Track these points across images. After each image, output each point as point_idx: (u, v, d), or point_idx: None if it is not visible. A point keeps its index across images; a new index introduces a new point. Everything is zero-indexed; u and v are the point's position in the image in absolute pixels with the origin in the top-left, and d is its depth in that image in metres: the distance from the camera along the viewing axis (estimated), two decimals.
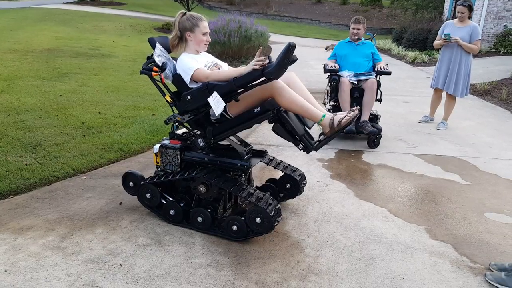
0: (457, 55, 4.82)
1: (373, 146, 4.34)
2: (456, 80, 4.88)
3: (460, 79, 4.87)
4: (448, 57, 4.91)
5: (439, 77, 5.04)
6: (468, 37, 4.73)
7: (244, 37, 9.69)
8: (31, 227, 2.64)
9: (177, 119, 2.46)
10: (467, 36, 4.73)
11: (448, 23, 4.98)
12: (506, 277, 2.08)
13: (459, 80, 4.87)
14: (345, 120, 2.30)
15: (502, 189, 3.42)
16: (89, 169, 3.61)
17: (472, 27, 4.74)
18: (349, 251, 2.46)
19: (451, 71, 4.89)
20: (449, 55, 4.89)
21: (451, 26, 4.89)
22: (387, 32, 18.32)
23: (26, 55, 8.80)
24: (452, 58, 4.86)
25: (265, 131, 4.81)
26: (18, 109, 5.08)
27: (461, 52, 4.81)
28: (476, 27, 4.75)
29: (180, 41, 2.59)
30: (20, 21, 15.47)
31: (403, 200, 3.18)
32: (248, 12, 21.09)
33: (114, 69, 8.07)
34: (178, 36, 2.56)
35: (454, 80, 4.88)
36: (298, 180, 2.89)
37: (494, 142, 4.60)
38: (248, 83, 2.30)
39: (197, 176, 2.56)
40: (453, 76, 4.88)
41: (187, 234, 2.60)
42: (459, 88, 4.90)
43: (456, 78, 4.88)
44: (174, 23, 2.56)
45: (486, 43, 11.86)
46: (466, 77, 4.90)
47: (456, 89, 4.91)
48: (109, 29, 15.01)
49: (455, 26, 4.86)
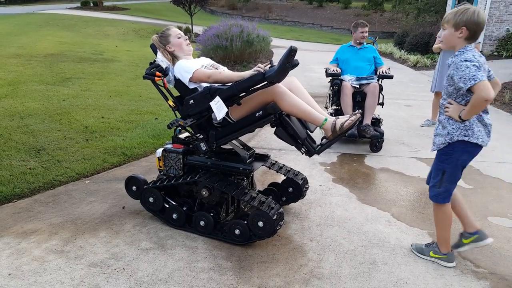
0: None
1: (375, 150, 4.33)
2: None
3: None
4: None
5: (440, 81, 5.05)
6: None
7: (246, 41, 9.73)
8: (35, 231, 2.65)
9: (180, 123, 2.47)
10: None
11: None
12: (425, 247, 2.45)
13: None
14: (347, 124, 2.31)
15: (505, 193, 3.41)
16: (92, 173, 3.62)
17: None
18: (352, 255, 2.46)
19: None
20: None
21: None
22: (389, 36, 18.36)
23: (30, 60, 8.87)
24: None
25: (267, 135, 4.82)
26: (22, 113, 5.12)
27: None
28: None
29: (171, 55, 2.71)
30: (24, 26, 15.61)
31: (406, 204, 3.17)
32: (250, 16, 21.22)
33: (117, 74, 8.12)
34: (166, 53, 2.69)
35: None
36: (300, 184, 2.90)
37: (497, 146, 4.59)
38: (250, 87, 2.31)
39: (200, 180, 2.57)
40: None
41: (190, 238, 2.61)
42: None
43: None
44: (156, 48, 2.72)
45: (488, 47, 11.86)
46: None
47: None
48: (112, 34, 15.11)
49: None
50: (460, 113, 2.09)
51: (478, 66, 1.99)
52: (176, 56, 2.68)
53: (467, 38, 2.08)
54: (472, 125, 2.11)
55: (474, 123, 2.11)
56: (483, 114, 2.13)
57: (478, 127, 2.12)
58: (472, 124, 2.11)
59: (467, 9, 2.06)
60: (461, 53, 2.10)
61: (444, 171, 2.22)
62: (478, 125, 2.12)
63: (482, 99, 1.95)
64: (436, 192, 2.27)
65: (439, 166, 2.25)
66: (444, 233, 2.34)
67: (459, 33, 2.08)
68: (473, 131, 2.11)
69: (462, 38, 2.09)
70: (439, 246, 2.37)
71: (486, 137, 2.16)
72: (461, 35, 2.08)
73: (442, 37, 2.18)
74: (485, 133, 2.15)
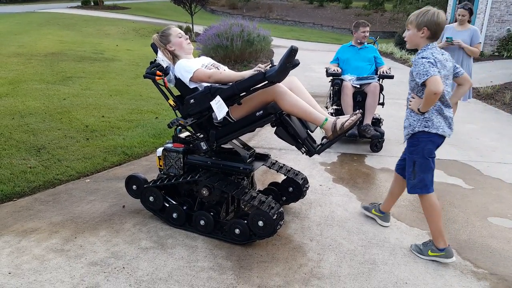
0: (458, 58, 4.82)
1: (375, 150, 4.33)
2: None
3: None
4: None
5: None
6: (469, 40, 4.75)
7: (246, 41, 9.72)
8: (35, 229, 2.65)
9: (180, 122, 2.47)
10: (468, 39, 4.74)
11: (448, 27, 4.99)
12: (423, 247, 2.49)
13: None
14: (347, 123, 2.31)
15: (505, 193, 3.41)
16: (93, 172, 3.62)
17: (473, 31, 4.76)
18: (351, 255, 2.46)
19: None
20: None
21: (451, 30, 4.90)
22: (389, 35, 18.35)
23: (31, 59, 8.88)
24: (454, 61, 4.86)
25: (268, 135, 4.82)
26: (22, 112, 5.12)
27: (462, 55, 4.81)
28: (476, 31, 4.76)
29: (172, 54, 2.70)
30: (24, 25, 15.61)
31: (406, 204, 3.17)
32: (251, 16, 21.21)
33: (117, 73, 8.12)
34: (167, 52, 2.68)
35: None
36: (300, 183, 2.90)
37: (497, 146, 4.59)
38: (250, 87, 2.31)
39: (200, 179, 2.57)
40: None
41: (190, 237, 2.61)
42: None
43: None
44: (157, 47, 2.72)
45: (489, 47, 11.85)
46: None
47: None
48: (112, 33, 15.11)
49: (455, 29, 4.87)
50: (419, 106, 2.28)
51: (433, 63, 2.18)
52: (176, 55, 2.68)
53: (429, 37, 2.26)
54: (431, 117, 2.29)
55: (433, 115, 2.29)
56: (444, 107, 2.31)
57: (438, 119, 2.30)
58: (431, 116, 2.29)
59: (428, 11, 2.24)
60: (422, 51, 2.28)
61: (415, 161, 2.38)
62: (438, 117, 2.30)
63: (431, 92, 2.13)
64: (412, 184, 2.41)
65: (410, 157, 2.42)
66: (436, 226, 2.39)
67: (421, 33, 2.25)
68: (432, 122, 2.29)
69: (424, 37, 2.26)
70: (435, 242, 2.42)
71: (447, 128, 2.34)
72: (423, 35, 2.25)
73: (407, 37, 2.34)
74: (445, 125, 2.33)
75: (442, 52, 2.32)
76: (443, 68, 2.26)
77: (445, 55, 2.32)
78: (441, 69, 2.24)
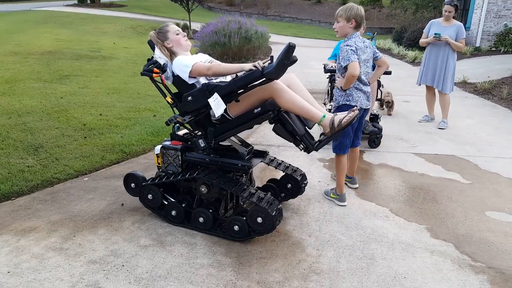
0: (445, 53, 4.96)
1: (373, 146, 4.34)
2: (444, 77, 5.04)
3: (448, 76, 5.02)
4: (435, 55, 5.04)
5: (426, 74, 5.18)
6: (455, 35, 4.89)
7: (244, 38, 9.70)
8: (34, 228, 2.65)
9: (178, 120, 2.47)
10: (453, 35, 4.88)
11: (433, 22, 5.09)
12: (330, 190, 3.14)
13: (447, 77, 5.02)
14: (345, 120, 2.31)
15: (503, 187, 3.43)
16: (91, 171, 3.62)
17: (458, 26, 4.88)
18: (350, 251, 2.47)
19: (439, 69, 5.03)
20: (436, 53, 5.03)
21: (437, 25, 5.00)
22: (387, 31, 18.31)
23: (27, 58, 8.84)
24: (440, 56, 5.00)
25: (266, 132, 4.82)
26: (19, 111, 5.11)
27: (448, 50, 4.94)
28: (461, 26, 4.88)
29: (169, 51, 2.69)
30: (21, 23, 15.53)
31: (404, 199, 3.18)
32: (248, 13, 21.12)
33: (115, 71, 8.09)
34: (164, 49, 2.67)
35: (442, 78, 5.04)
36: (299, 180, 2.90)
37: (494, 141, 4.60)
38: (248, 84, 2.31)
39: (199, 176, 2.57)
40: (442, 73, 5.03)
41: (189, 235, 2.62)
42: (447, 85, 5.05)
43: (445, 75, 5.03)
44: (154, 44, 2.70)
45: (486, 42, 11.85)
46: (453, 74, 5.06)
47: (445, 86, 5.05)
48: (109, 31, 15.05)
49: (441, 25, 4.98)
50: (341, 84, 2.81)
51: (354, 50, 2.70)
52: (174, 52, 2.67)
53: (355, 27, 2.77)
54: (352, 92, 2.84)
55: (353, 91, 2.84)
56: (362, 85, 2.85)
57: (358, 94, 2.85)
58: (351, 92, 2.84)
59: (352, 6, 2.77)
60: (348, 39, 2.79)
61: None
62: (358, 92, 2.85)
63: (350, 74, 2.68)
64: (334, 145, 2.98)
65: None
66: (340, 178, 3.02)
67: (350, 24, 2.76)
68: (352, 97, 2.84)
69: (352, 27, 2.77)
70: (336, 188, 3.06)
71: (366, 101, 2.90)
72: (351, 26, 2.76)
73: (338, 28, 2.81)
74: (364, 98, 2.88)
75: (363, 40, 2.84)
76: (363, 54, 2.80)
77: (366, 43, 2.85)
78: (361, 55, 2.78)
